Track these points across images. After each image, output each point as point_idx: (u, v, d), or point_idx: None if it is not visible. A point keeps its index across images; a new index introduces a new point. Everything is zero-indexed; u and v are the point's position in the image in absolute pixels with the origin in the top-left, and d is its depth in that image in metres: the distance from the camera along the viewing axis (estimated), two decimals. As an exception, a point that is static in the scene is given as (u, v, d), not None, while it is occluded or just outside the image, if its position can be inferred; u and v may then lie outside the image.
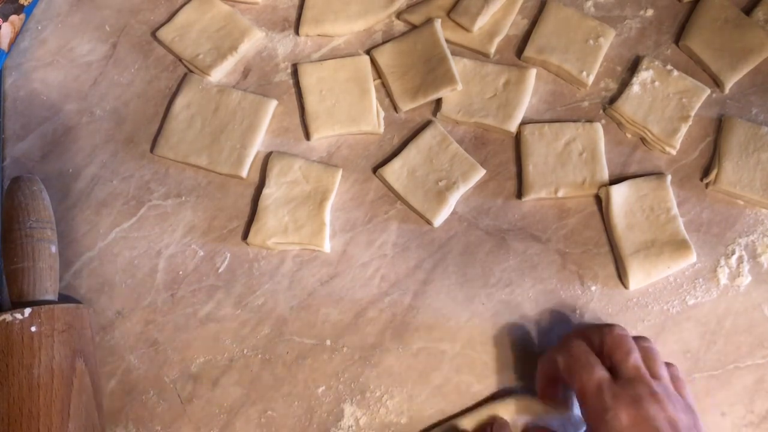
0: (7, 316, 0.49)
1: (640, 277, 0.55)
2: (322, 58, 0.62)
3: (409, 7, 0.63)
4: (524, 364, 0.54)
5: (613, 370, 0.46)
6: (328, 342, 0.55)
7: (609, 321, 0.55)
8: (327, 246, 0.56)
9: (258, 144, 0.59)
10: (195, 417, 0.53)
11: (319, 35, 0.63)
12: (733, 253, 0.57)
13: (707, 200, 0.58)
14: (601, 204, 0.57)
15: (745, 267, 0.56)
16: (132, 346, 0.55)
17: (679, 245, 0.55)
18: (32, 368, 0.49)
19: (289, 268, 0.56)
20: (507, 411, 0.51)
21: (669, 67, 0.60)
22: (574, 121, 0.60)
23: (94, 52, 0.62)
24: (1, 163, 0.59)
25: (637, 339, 0.49)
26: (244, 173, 0.58)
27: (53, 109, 0.61)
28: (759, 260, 0.56)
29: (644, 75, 0.60)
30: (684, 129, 0.58)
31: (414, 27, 0.62)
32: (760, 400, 0.54)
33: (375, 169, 0.59)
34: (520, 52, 0.62)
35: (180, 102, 0.60)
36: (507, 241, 0.57)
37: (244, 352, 0.55)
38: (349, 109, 0.59)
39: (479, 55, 0.62)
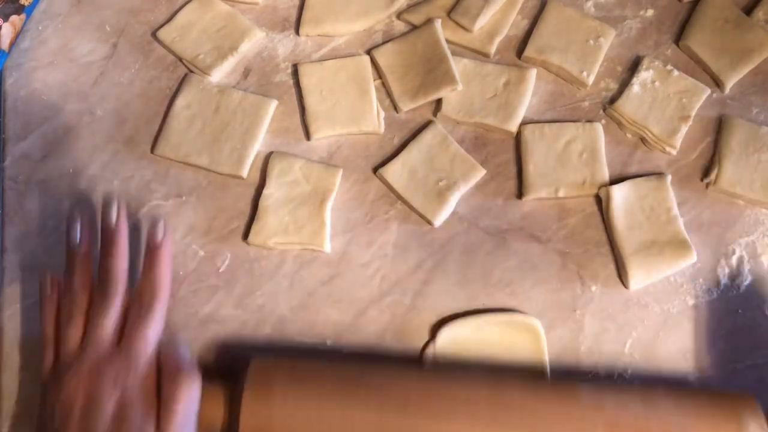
0: None
1: (640, 277, 0.55)
2: (323, 58, 0.62)
3: (410, 7, 0.63)
4: (524, 364, 0.54)
5: None
6: (329, 342, 0.55)
7: (609, 321, 0.55)
8: (327, 246, 0.56)
9: (258, 144, 0.59)
10: None
11: (319, 35, 0.63)
12: (734, 253, 0.57)
13: (707, 200, 0.58)
14: (602, 204, 0.57)
15: (746, 267, 0.56)
16: (132, 346, 0.55)
17: (679, 245, 0.55)
18: None
19: (290, 268, 0.56)
20: None
21: (669, 67, 0.60)
22: (575, 121, 0.60)
23: (94, 52, 0.62)
24: (2, 163, 0.59)
25: None
26: (244, 173, 0.58)
27: (54, 109, 0.61)
28: (759, 260, 0.56)
29: (644, 75, 0.60)
30: (684, 129, 0.58)
31: (414, 27, 0.62)
32: (760, 400, 0.54)
33: (375, 169, 0.59)
34: (520, 52, 0.62)
35: (180, 102, 0.60)
36: (507, 241, 0.57)
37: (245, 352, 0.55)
38: (349, 109, 0.59)
39: (479, 55, 0.62)
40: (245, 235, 0.57)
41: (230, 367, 0.52)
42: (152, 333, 0.47)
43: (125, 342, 0.47)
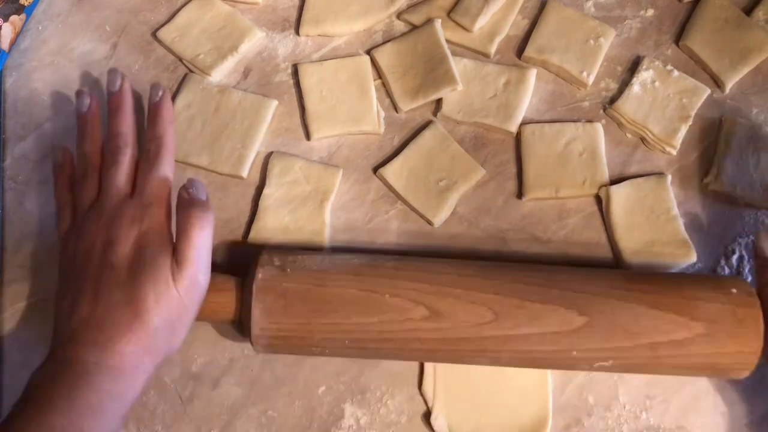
0: None
1: (640, 277, 0.55)
2: (323, 59, 0.62)
3: (410, 7, 0.63)
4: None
5: None
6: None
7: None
8: (327, 246, 0.56)
9: (258, 144, 0.59)
10: (195, 417, 0.53)
11: (319, 35, 0.63)
12: (734, 252, 0.57)
13: (707, 200, 0.58)
14: (602, 204, 0.57)
15: (746, 267, 0.56)
16: (132, 346, 0.55)
17: (679, 245, 0.55)
18: None
19: (290, 268, 0.56)
20: None
21: (669, 67, 0.60)
22: (575, 121, 0.60)
23: (94, 53, 0.62)
24: (2, 163, 0.59)
25: None
26: (244, 173, 0.58)
27: (54, 109, 0.61)
28: (759, 260, 0.56)
29: (644, 75, 0.60)
30: (684, 129, 0.58)
31: (414, 27, 0.62)
32: (760, 400, 0.54)
33: (375, 169, 0.59)
34: (520, 52, 0.62)
35: (180, 102, 0.60)
36: (507, 241, 0.57)
37: (245, 352, 0.55)
38: (349, 109, 0.59)
39: (479, 55, 0.62)
40: (245, 235, 0.57)
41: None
42: (162, 175, 0.50)
43: (138, 187, 0.50)
